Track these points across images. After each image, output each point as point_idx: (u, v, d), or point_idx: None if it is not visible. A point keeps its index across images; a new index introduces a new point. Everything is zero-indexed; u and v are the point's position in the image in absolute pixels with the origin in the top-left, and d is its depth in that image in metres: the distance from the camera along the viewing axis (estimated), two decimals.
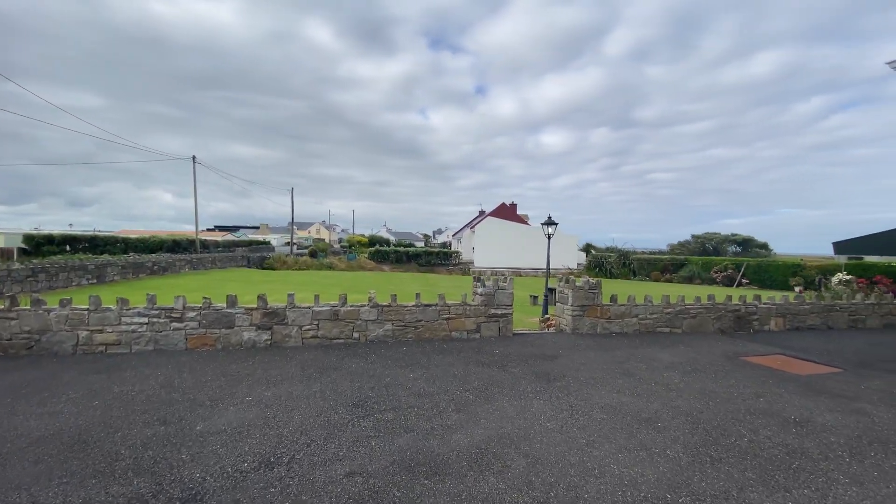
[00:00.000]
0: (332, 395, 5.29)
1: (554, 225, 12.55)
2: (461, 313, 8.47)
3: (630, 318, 9.34)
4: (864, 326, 10.82)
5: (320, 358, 6.92)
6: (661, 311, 9.50)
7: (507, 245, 42.77)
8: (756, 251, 56.46)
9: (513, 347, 7.83)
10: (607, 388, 5.73)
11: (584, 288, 9.07)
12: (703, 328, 9.74)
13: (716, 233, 58.67)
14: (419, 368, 6.43)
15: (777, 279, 29.77)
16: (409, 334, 8.22)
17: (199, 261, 29.18)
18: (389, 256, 43.88)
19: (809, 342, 8.99)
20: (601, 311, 9.18)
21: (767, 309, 10.12)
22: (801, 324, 10.39)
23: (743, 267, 32.06)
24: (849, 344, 8.92)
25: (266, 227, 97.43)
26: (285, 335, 7.73)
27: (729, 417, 4.84)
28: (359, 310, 8.00)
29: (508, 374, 6.21)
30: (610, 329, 9.24)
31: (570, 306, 9.05)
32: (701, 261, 36.50)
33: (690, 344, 8.47)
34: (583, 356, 7.33)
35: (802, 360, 7.49)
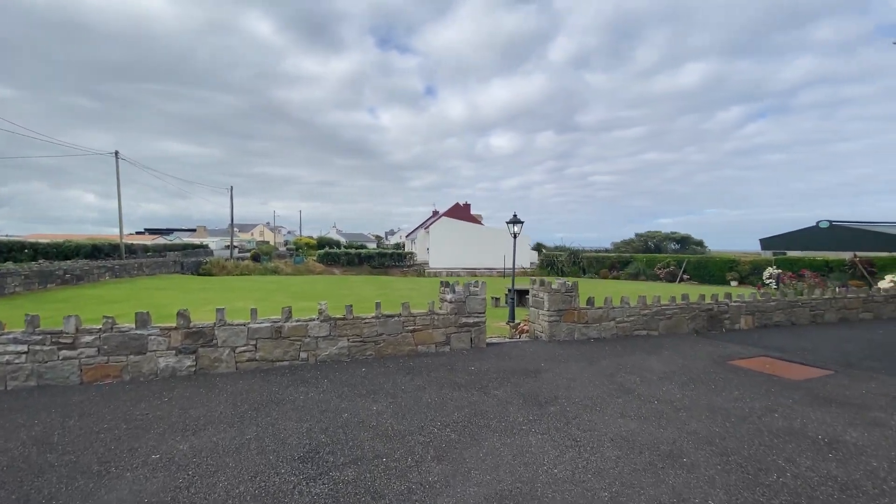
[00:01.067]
0: (272, 444, 4.04)
1: (520, 223, 11.81)
2: (428, 324, 7.40)
3: (608, 322, 8.69)
4: (822, 321, 10.92)
5: (258, 388, 5.59)
6: (637, 313, 8.94)
7: (462, 245, 42.16)
8: (693, 248, 59.81)
9: (489, 362, 6.86)
10: (608, 411, 4.89)
11: (560, 291, 8.30)
12: (679, 329, 9.31)
13: (657, 231, 61.55)
14: (384, 397, 5.29)
15: (715, 274, 31.20)
16: (368, 351, 7.03)
17: (123, 267, 26.00)
18: (340, 259, 41.86)
19: (783, 340, 8.77)
20: (578, 315, 8.46)
21: (738, 307, 9.89)
22: (769, 321, 10.28)
23: (684, 264, 33.41)
24: (819, 341, 8.78)
25: (204, 229, 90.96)
26: (214, 360, 6.29)
27: (755, 443, 4.13)
28: (307, 325, 6.71)
29: (492, 399, 5.22)
30: (587, 334, 8.54)
31: (547, 311, 8.25)
32: (645, 258, 37.81)
33: (673, 347, 7.92)
34: (568, 369, 6.49)
35: (788, 362, 7.12)
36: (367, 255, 42.68)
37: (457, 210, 50.36)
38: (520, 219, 11.89)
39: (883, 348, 8.11)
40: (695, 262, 33.31)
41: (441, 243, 42.15)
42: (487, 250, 42.45)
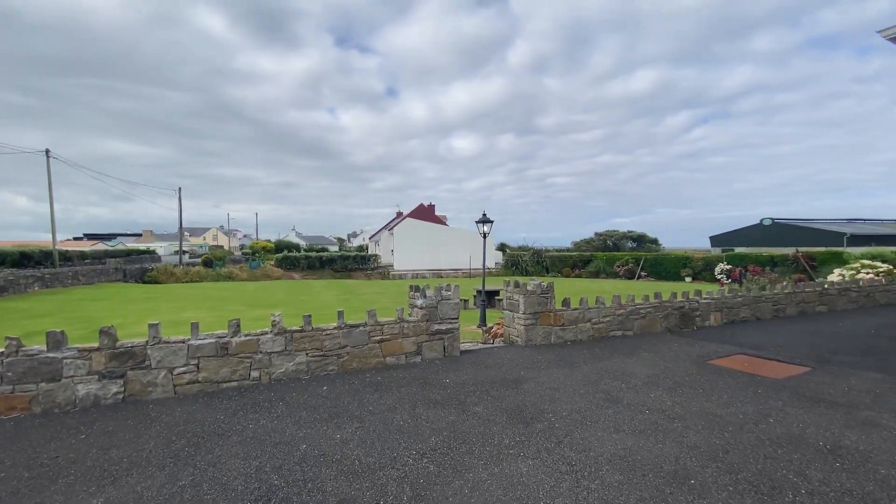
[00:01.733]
0: (211, 492, 3.31)
1: (489, 223, 11.40)
2: (397, 333, 6.77)
3: (583, 324, 8.37)
4: (783, 315, 11.15)
5: (200, 416, 4.78)
6: (613, 313, 8.69)
7: (427, 246, 41.58)
8: (649, 246, 61.95)
9: (465, 372, 6.32)
10: (600, 425, 4.46)
11: (536, 293, 7.89)
12: (653, 328, 9.15)
13: (615, 230, 63.30)
14: (349, 421, 4.62)
15: (670, 271, 32.33)
16: (330, 366, 6.32)
17: (56, 276, 23.63)
18: (300, 262, 40.22)
19: (753, 336, 8.77)
20: (555, 318, 8.09)
21: (707, 304, 9.87)
22: (735, 317, 10.35)
23: (641, 261, 34.44)
24: (787, 336, 8.84)
25: (150, 233, 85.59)
26: (147, 384, 5.40)
27: (760, 455, 3.80)
28: (258, 339, 5.92)
29: (473, 418, 4.67)
30: (564, 337, 8.18)
31: (523, 314, 7.81)
32: (605, 256, 38.75)
33: (651, 349, 7.68)
34: (550, 377, 6.05)
35: (765, 360, 7.02)
36: (328, 259, 41.26)
37: (421, 211, 49.71)
38: (489, 218, 11.46)
39: (849, 342, 8.22)
40: (651, 259, 34.41)
41: (406, 245, 41.39)
42: (453, 251, 42.08)
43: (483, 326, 10.84)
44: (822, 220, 49.45)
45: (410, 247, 41.25)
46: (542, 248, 45.51)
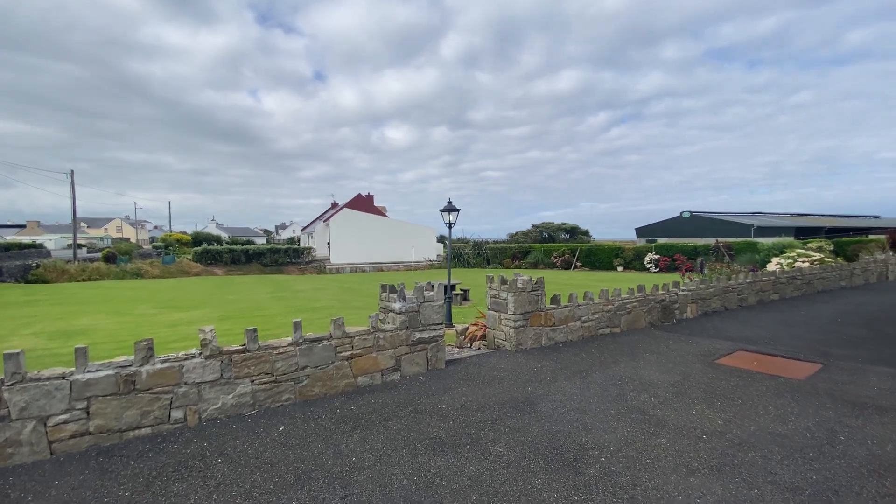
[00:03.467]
0: None
1: (455, 211, 10.20)
2: (371, 345, 5.36)
3: (574, 322, 7.50)
4: (746, 304, 11.21)
5: (89, 496, 3.10)
6: (601, 309, 7.91)
7: (366, 238, 39.52)
8: (581, 237, 64.45)
9: (460, 391, 5.08)
10: (666, 463, 3.46)
11: (526, 290, 6.84)
12: (638, 323, 8.54)
13: (550, 222, 65.03)
14: (328, 485, 3.20)
15: (604, 261, 33.62)
16: (285, 395, 4.78)
17: None
18: (223, 257, 36.32)
19: (734, 328, 8.47)
20: (545, 318, 7.11)
21: (685, 296, 9.50)
22: (708, 308, 10.15)
23: (577, 252, 35.44)
24: (767, 326, 8.67)
25: (37, 225, 73.92)
26: (6, 444, 3.55)
27: (875, 494, 3.01)
28: (181, 366, 4.23)
29: (500, 465, 3.46)
30: (554, 338, 7.25)
31: (512, 315, 6.73)
32: (543, 248, 39.48)
33: (649, 348, 6.98)
34: (563, 393, 5.02)
35: (769, 356, 6.57)
36: (256, 252, 37.74)
37: (359, 201, 47.30)
38: (455, 206, 10.26)
39: (828, 332, 8.14)
40: (586, 250, 35.49)
41: (343, 237, 39.02)
42: (395, 243, 40.43)
43: (451, 327, 9.66)
44: (731, 213, 54.23)
45: (348, 239, 38.96)
46: (483, 240, 45.39)
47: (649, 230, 54.53)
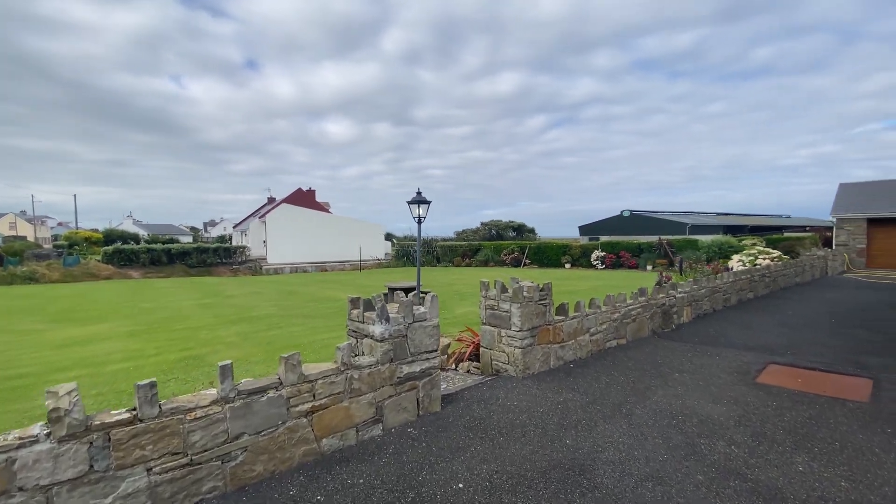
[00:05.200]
0: None
1: (426, 204, 8.62)
2: (341, 391, 3.66)
3: (583, 336, 6.22)
4: (730, 304, 10.67)
5: None
6: (608, 318, 6.72)
7: (307, 236, 36.60)
8: (528, 235, 65.14)
9: (478, 455, 3.53)
10: None
11: (533, 299, 5.42)
12: (641, 332, 7.48)
13: (499, 220, 65.04)
14: None
15: (552, 258, 33.75)
16: (206, 485, 2.97)
17: None
18: (140, 258, 31.84)
19: (739, 333, 7.69)
20: (554, 333, 5.74)
21: (682, 299, 8.63)
22: (700, 310, 9.39)
23: (526, 250, 35.33)
24: (769, 331, 7.99)
25: None
26: None
27: None
28: (9, 460, 2.33)
29: None
30: (563, 357, 5.91)
31: (518, 332, 5.28)
32: (492, 245, 39.03)
33: (673, 365, 5.85)
34: (616, 444, 3.64)
35: (807, 370, 5.68)
36: (180, 252, 33.61)
37: (300, 196, 43.94)
38: (425, 198, 8.68)
39: (837, 334, 7.54)
40: (535, 247, 35.44)
41: (282, 234, 35.83)
42: (339, 241, 37.87)
43: None
44: (667, 212, 57.01)
45: (287, 237, 35.84)
46: (432, 238, 44.06)
47: (592, 228, 55.94)
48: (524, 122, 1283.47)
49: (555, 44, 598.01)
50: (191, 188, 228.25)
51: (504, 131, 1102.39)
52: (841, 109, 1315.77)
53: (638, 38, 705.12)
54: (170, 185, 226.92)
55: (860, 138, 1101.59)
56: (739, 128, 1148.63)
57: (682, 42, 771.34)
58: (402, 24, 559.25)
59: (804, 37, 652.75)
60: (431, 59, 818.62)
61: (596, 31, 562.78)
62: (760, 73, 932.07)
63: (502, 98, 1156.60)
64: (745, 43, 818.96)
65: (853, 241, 23.47)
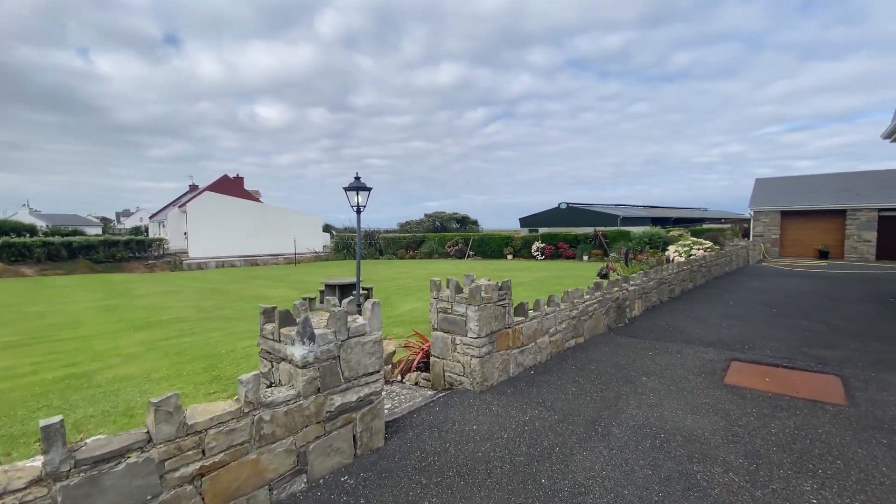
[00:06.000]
0: None
1: (365, 191, 7.57)
2: (246, 440, 2.66)
3: (542, 338, 5.59)
4: (674, 295, 10.70)
5: None
6: (567, 316, 6.16)
7: (235, 228, 33.68)
8: (471, 227, 65.37)
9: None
10: None
11: (492, 300, 4.67)
12: (597, 328, 7.05)
13: (442, 212, 64.62)
14: None
15: (495, 249, 34.10)
16: None
17: None
18: (34, 252, 27.60)
19: (691, 327, 7.53)
20: (513, 336, 5.04)
21: (633, 291, 8.36)
22: (649, 302, 9.24)
23: (470, 241, 35.33)
24: (718, 324, 7.92)
25: None
26: None
27: None
28: None
29: None
30: (523, 363, 5.25)
31: (476, 338, 4.51)
32: (437, 237, 38.69)
33: (638, 367, 5.39)
34: (599, 479, 2.98)
35: (772, 367, 5.46)
36: (84, 245, 29.60)
37: (226, 184, 40.36)
38: (365, 184, 7.64)
39: (783, 326, 7.59)
40: (478, 239, 35.54)
41: (205, 225, 32.67)
42: (273, 233, 35.29)
43: None
44: (600, 205, 59.44)
45: (212, 228, 32.74)
46: (374, 229, 42.59)
47: (532, 220, 57.03)
48: (464, 115, 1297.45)
49: (493, 38, 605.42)
50: (103, 174, 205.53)
51: (445, 123, 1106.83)
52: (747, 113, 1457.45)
53: (571, 37, 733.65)
54: (77, 171, 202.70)
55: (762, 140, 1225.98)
56: (660, 127, 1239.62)
57: (611, 43, 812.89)
58: (338, 6, 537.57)
59: (717, 44, 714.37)
60: (369, 45, 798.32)
61: (532, 27, 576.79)
62: (679, 76, 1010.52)
63: (442, 89, 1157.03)
64: (667, 48, 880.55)
65: (768, 232, 25.41)
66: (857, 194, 23.53)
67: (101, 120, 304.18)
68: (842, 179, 25.99)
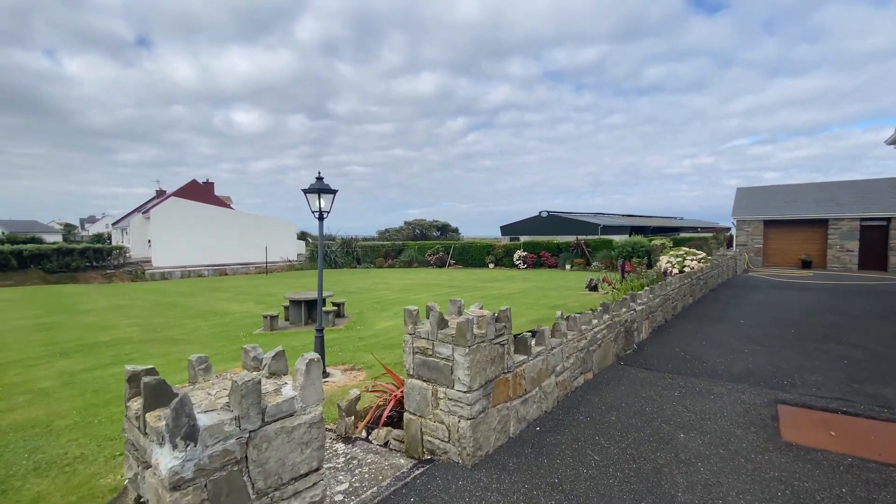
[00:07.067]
0: None
1: (329, 194, 6.28)
2: None
3: (548, 380, 4.41)
4: (676, 312, 9.73)
5: None
6: (575, 348, 5.01)
7: (203, 235, 31.67)
8: (452, 235, 64.28)
9: None
10: None
11: (487, 337, 3.47)
12: (606, 359, 5.93)
13: (423, 219, 63.26)
14: None
15: (476, 258, 33.31)
16: None
17: None
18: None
19: (710, 353, 6.51)
20: (514, 383, 3.85)
21: (641, 312, 7.30)
22: (654, 322, 8.21)
23: (451, 249, 34.43)
24: (741, 347, 6.92)
25: None
26: None
27: None
28: None
29: None
30: (526, 416, 4.05)
31: (466, 391, 3.29)
32: (417, 245, 37.74)
33: (667, 415, 4.27)
34: None
35: (829, 414, 4.41)
36: (35, 254, 27.20)
37: (194, 189, 38.21)
38: (330, 186, 6.37)
39: (816, 353, 6.62)
40: (459, 247, 34.70)
41: (170, 232, 30.59)
42: (244, 241, 33.38)
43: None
44: (580, 213, 59.29)
45: (177, 235, 30.67)
46: (352, 237, 41.08)
47: (513, 228, 56.39)
48: (445, 124, 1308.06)
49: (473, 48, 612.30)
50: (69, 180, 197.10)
51: (426, 131, 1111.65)
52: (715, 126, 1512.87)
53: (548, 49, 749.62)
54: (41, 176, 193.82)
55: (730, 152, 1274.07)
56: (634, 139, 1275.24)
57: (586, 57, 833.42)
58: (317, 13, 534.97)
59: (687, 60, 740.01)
60: (349, 53, 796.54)
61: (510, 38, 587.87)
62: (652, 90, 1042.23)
63: (423, 98, 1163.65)
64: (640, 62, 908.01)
65: (752, 242, 25.06)
66: (839, 204, 23.41)
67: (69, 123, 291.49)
68: (823, 189, 25.94)
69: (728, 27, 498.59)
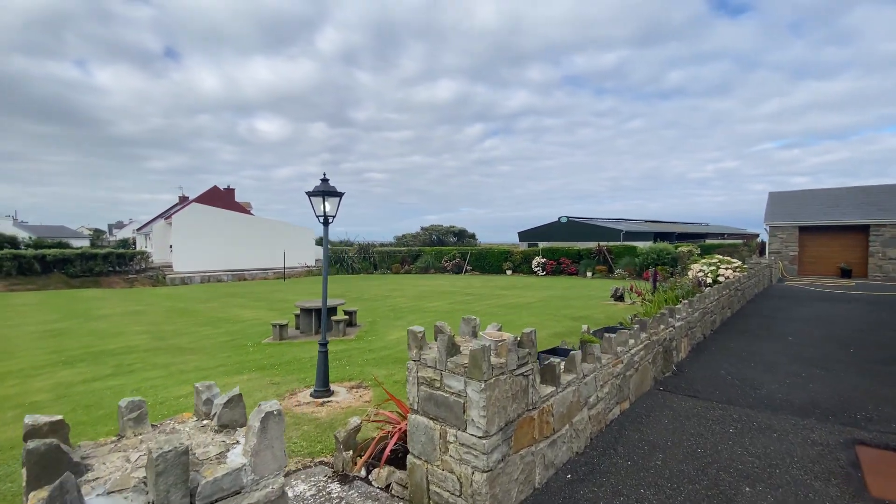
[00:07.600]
0: None
1: (335, 196, 5.77)
2: None
3: (579, 414, 3.75)
4: (715, 326, 8.88)
5: None
6: (610, 374, 4.33)
7: (223, 240, 31.84)
8: (469, 241, 63.60)
9: None
10: None
11: (507, 367, 2.85)
12: (644, 384, 5.21)
13: (440, 225, 62.79)
14: None
15: (493, 264, 32.71)
16: None
17: None
18: (2, 266, 25.72)
19: (764, 377, 5.70)
20: (540, 422, 3.21)
21: (680, 328, 6.54)
22: (693, 339, 7.41)
23: (468, 255, 33.91)
24: (791, 369, 6.06)
25: None
26: None
27: None
28: None
29: None
30: (554, 462, 3.40)
31: (482, 435, 2.68)
32: (433, 251, 37.30)
33: (724, 462, 3.55)
34: None
35: None
36: (59, 259, 27.68)
37: (215, 195, 38.66)
38: (336, 189, 5.86)
39: (875, 374, 5.75)
40: (476, 253, 34.21)
41: (191, 238, 30.84)
42: (262, 246, 33.44)
43: (324, 397, 5.25)
44: (601, 219, 57.89)
45: (198, 240, 30.90)
46: (369, 242, 40.87)
47: (531, 234, 55.37)
48: (463, 130, 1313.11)
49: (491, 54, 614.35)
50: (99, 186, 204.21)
51: (443, 138, 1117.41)
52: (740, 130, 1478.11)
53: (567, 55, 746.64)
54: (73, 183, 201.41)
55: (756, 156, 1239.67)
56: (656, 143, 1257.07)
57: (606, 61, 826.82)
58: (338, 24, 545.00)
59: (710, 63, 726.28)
60: (369, 61, 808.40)
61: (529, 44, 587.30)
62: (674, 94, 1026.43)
63: (441, 105, 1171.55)
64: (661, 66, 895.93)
65: (786, 249, 23.66)
66: (882, 209, 21.90)
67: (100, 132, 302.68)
68: (863, 193, 24.41)
69: (753, 30, 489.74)
